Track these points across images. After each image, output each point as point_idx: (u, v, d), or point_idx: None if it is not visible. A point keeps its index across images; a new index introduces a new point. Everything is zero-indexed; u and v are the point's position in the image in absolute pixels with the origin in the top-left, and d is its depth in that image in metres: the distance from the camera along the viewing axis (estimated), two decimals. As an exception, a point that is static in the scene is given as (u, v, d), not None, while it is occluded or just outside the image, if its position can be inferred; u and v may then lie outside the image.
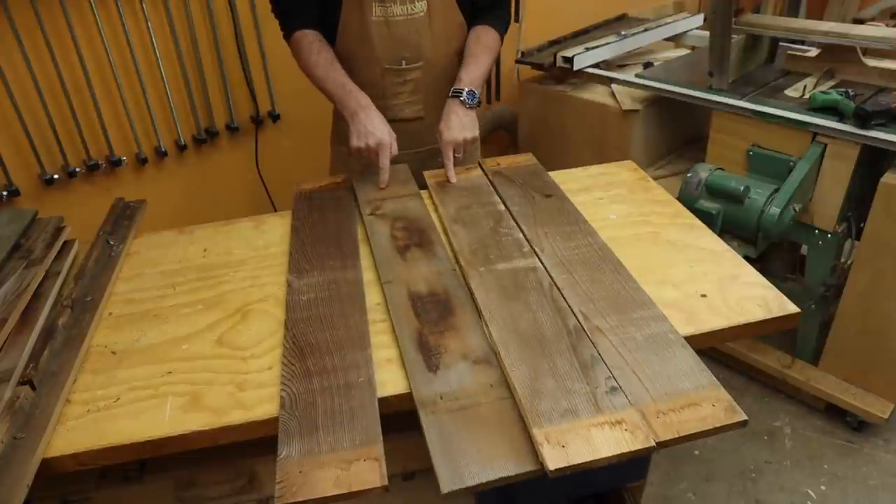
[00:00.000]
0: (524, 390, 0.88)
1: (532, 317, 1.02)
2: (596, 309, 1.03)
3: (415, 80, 1.53)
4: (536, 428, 0.83)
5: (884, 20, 2.97)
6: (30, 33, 1.62)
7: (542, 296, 1.06)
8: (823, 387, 1.98)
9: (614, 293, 1.06)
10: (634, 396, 0.87)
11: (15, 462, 0.82)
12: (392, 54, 1.49)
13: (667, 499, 1.81)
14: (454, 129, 1.43)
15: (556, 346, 0.96)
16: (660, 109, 2.17)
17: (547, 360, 0.93)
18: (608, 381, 0.89)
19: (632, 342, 0.96)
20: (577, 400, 0.86)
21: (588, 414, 0.84)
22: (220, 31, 1.95)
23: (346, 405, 0.89)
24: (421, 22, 1.47)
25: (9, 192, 1.70)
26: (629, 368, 0.92)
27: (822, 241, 1.85)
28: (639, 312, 1.02)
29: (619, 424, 0.83)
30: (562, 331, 0.99)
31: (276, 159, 2.25)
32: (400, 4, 1.44)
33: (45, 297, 1.12)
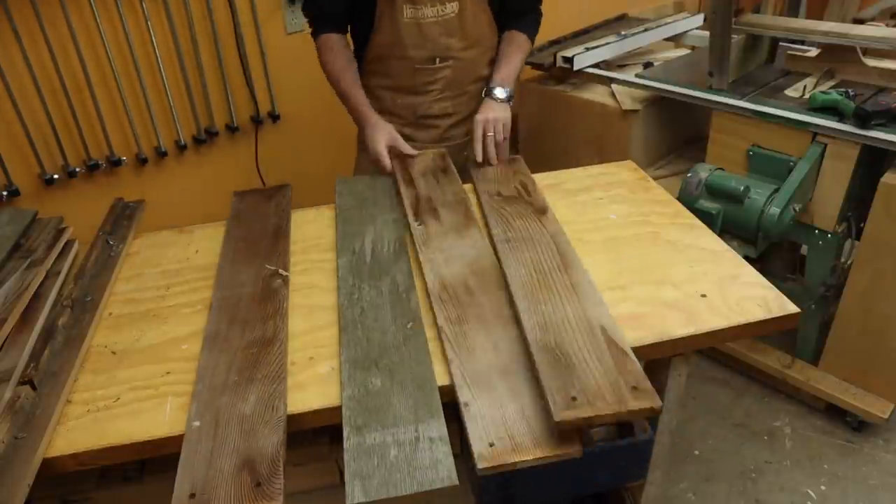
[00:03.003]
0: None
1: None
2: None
3: (445, 78, 1.57)
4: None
5: (884, 20, 2.97)
6: (30, 33, 1.62)
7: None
8: (823, 387, 1.98)
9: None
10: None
11: (16, 462, 0.83)
12: (423, 54, 1.53)
13: (667, 499, 1.81)
14: (486, 111, 1.51)
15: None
16: (660, 109, 2.17)
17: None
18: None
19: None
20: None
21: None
22: (220, 31, 1.95)
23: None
24: (452, 22, 1.51)
25: (9, 192, 1.70)
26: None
27: (822, 241, 1.85)
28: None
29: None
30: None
31: (276, 159, 2.25)
32: (431, 6, 1.48)
33: (46, 297, 1.12)
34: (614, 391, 0.86)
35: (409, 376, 0.95)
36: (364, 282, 1.16)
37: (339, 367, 0.98)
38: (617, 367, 0.89)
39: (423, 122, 1.64)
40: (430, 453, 0.84)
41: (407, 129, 1.63)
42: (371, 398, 0.92)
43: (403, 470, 0.82)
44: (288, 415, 0.91)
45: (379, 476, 0.81)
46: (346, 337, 1.04)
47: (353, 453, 0.85)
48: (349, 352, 1.00)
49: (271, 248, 1.27)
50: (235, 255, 1.26)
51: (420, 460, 0.83)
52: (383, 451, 0.84)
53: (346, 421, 0.89)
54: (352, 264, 1.21)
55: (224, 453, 0.85)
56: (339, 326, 1.06)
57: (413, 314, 1.07)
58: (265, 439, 0.86)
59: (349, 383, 0.95)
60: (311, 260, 1.26)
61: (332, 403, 0.92)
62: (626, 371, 0.89)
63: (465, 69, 1.59)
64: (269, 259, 1.23)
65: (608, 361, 0.90)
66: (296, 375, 0.98)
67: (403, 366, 0.97)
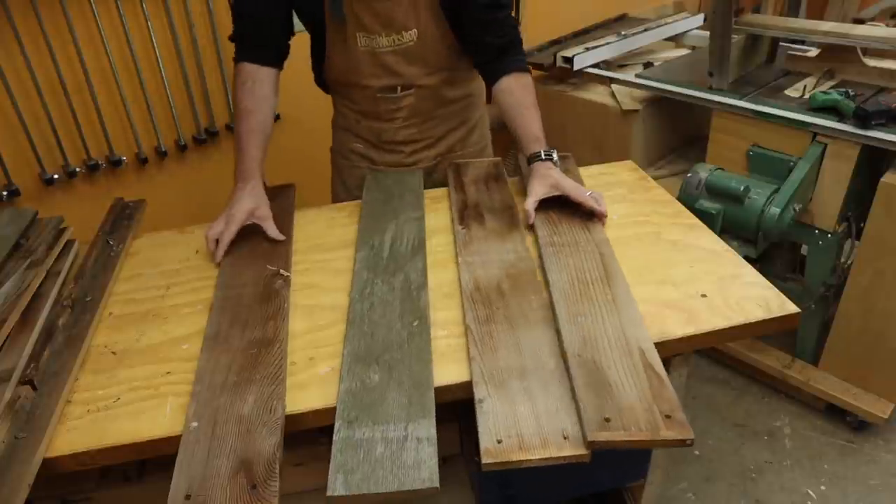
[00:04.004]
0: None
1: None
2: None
3: (409, 106, 1.46)
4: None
5: (884, 20, 2.97)
6: (30, 33, 1.62)
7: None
8: (823, 387, 1.98)
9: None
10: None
11: (16, 461, 0.83)
12: (382, 82, 1.42)
13: (667, 499, 1.81)
14: (570, 183, 1.32)
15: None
16: (660, 109, 2.17)
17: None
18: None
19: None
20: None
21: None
22: (220, 31, 1.95)
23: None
24: (411, 51, 1.38)
25: (9, 192, 1.70)
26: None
27: (822, 241, 1.85)
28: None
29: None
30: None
31: (276, 159, 2.24)
32: (386, 36, 1.35)
33: (46, 297, 1.12)
34: (649, 418, 0.84)
35: (408, 374, 0.95)
36: (378, 277, 1.16)
37: (341, 360, 0.98)
38: (652, 392, 0.88)
39: (387, 147, 1.53)
40: (415, 453, 0.83)
41: (372, 152, 1.55)
42: (367, 393, 0.92)
43: (387, 467, 0.81)
44: (287, 415, 0.91)
45: (362, 471, 0.81)
46: (353, 331, 1.04)
47: (340, 446, 0.85)
48: (352, 346, 1.01)
49: (273, 248, 1.27)
50: (237, 254, 1.26)
51: (405, 459, 0.82)
52: (370, 447, 0.84)
53: (338, 414, 0.89)
54: (368, 259, 1.21)
55: (221, 454, 0.85)
56: (348, 320, 1.06)
57: (421, 312, 1.07)
58: (262, 441, 0.86)
59: (348, 377, 0.95)
60: (312, 260, 1.26)
61: (331, 404, 0.92)
62: (661, 398, 0.87)
63: (431, 96, 1.46)
64: (271, 259, 1.23)
65: (644, 385, 0.89)
66: (296, 375, 0.98)
67: (403, 363, 0.97)
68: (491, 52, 1.40)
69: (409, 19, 1.34)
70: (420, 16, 1.35)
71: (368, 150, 1.55)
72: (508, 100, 1.38)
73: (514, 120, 1.38)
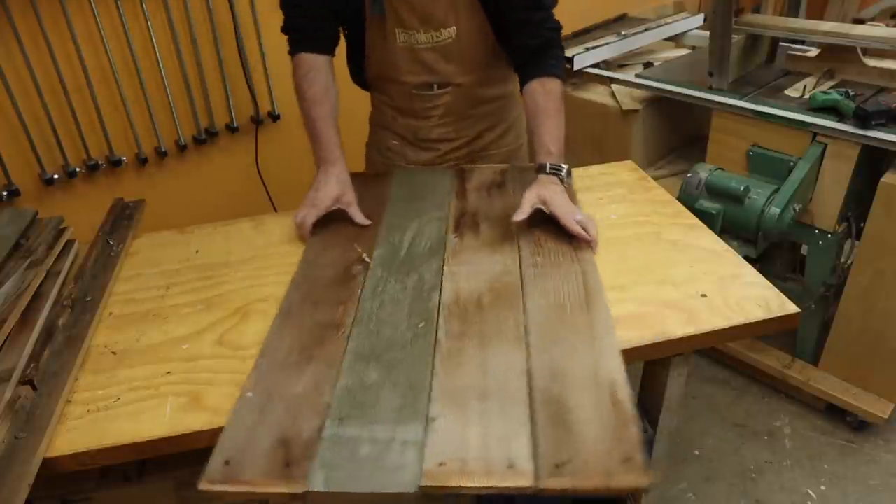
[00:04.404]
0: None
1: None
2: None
3: (445, 104, 1.46)
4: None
5: (884, 20, 2.97)
6: (30, 33, 1.62)
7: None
8: (823, 387, 1.98)
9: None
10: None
11: (16, 461, 0.83)
12: (419, 79, 1.42)
13: (667, 499, 1.81)
14: (567, 207, 1.23)
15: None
16: (660, 109, 2.17)
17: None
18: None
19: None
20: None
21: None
22: (220, 31, 1.95)
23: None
24: (449, 48, 1.38)
25: (9, 192, 1.70)
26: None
27: (822, 241, 1.85)
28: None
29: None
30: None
31: (276, 159, 2.25)
32: (424, 32, 1.35)
33: (46, 297, 1.12)
34: (606, 463, 0.79)
35: (405, 376, 0.94)
36: (392, 275, 1.16)
37: (343, 357, 0.98)
38: (615, 434, 0.83)
39: (422, 144, 1.54)
40: (399, 456, 0.82)
41: (407, 149, 1.56)
42: (362, 391, 0.92)
43: (368, 468, 0.80)
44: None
45: (344, 470, 0.80)
46: (359, 329, 1.04)
47: (327, 443, 0.84)
48: (356, 343, 1.01)
49: (360, 232, 1.29)
50: (324, 236, 1.29)
51: (387, 461, 0.81)
52: (356, 446, 0.83)
53: (331, 411, 0.89)
54: (385, 257, 1.21)
55: (265, 428, 0.86)
56: (356, 317, 1.06)
57: (429, 314, 1.06)
58: (305, 422, 0.87)
59: (348, 373, 0.95)
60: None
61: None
62: (623, 438, 0.82)
63: (467, 95, 1.46)
64: (356, 243, 1.25)
65: (608, 425, 0.84)
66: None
67: (404, 364, 0.96)
68: (525, 54, 1.36)
69: (448, 16, 1.34)
70: (459, 13, 1.34)
71: (404, 147, 1.56)
72: (530, 105, 1.33)
73: (532, 127, 1.33)
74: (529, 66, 1.35)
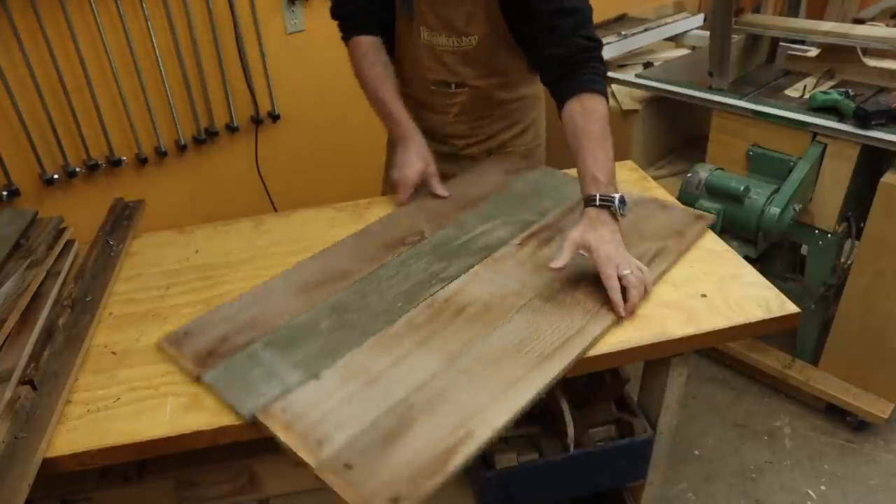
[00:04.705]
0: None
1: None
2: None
3: (461, 102, 1.47)
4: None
5: (884, 20, 2.97)
6: (30, 33, 1.62)
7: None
8: (823, 387, 1.98)
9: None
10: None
11: (16, 461, 0.83)
12: (438, 77, 1.44)
13: (667, 499, 1.81)
14: (612, 252, 1.05)
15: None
16: (660, 109, 2.17)
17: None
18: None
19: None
20: None
21: None
22: (220, 31, 1.95)
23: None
24: (469, 54, 1.39)
25: (9, 192, 1.70)
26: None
27: (822, 241, 1.85)
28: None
29: None
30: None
31: (276, 159, 2.25)
32: (446, 37, 1.36)
33: (46, 297, 1.12)
34: (377, 489, 0.78)
35: (342, 337, 1.02)
36: (427, 257, 1.20)
37: (325, 304, 1.09)
38: (422, 473, 0.80)
39: (439, 139, 1.56)
40: (267, 388, 0.92)
41: (427, 140, 1.53)
42: (303, 332, 1.03)
43: (243, 385, 0.94)
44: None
45: (230, 377, 0.96)
46: (355, 287, 1.13)
47: (241, 355, 0.99)
48: (341, 297, 1.11)
49: (444, 210, 1.36)
50: (413, 203, 1.40)
51: (258, 389, 0.93)
52: (253, 367, 0.97)
53: (270, 335, 1.02)
54: (441, 240, 1.25)
55: (224, 325, 1.06)
56: (364, 278, 1.15)
57: (414, 300, 1.09)
58: (247, 334, 1.05)
59: (310, 315, 1.07)
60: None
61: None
62: (423, 481, 0.79)
63: (484, 96, 1.46)
64: (433, 218, 1.33)
65: (426, 465, 0.81)
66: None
67: (353, 329, 1.03)
68: (554, 67, 1.22)
69: (470, 26, 1.35)
70: (480, 24, 1.34)
71: (424, 138, 1.54)
72: (570, 127, 1.18)
73: (574, 152, 1.17)
74: (563, 82, 1.20)
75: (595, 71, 1.20)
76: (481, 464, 1.13)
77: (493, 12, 1.32)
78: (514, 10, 1.30)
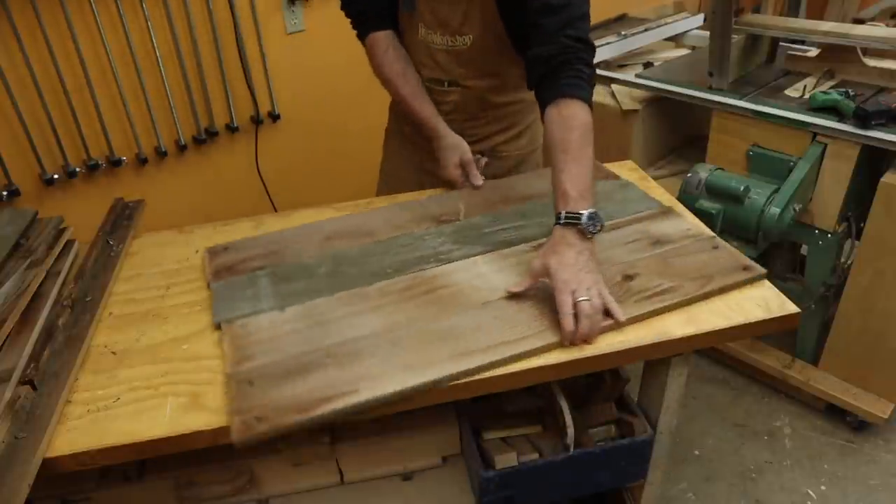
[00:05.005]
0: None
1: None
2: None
3: (453, 101, 1.45)
4: None
5: (884, 20, 2.97)
6: (30, 33, 1.62)
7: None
8: (823, 387, 1.98)
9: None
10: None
11: (16, 461, 0.83)
12: (432, 74, 1.43)
13: (667, 499, 1.81)
14: (570, 276, 0.99)
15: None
16: (660, 109, 2.17)
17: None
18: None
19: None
20: None
21: None
22: (220, 31, 1.95)
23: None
24: (463, 54, 1.37)
25: (9, 192, 1.70)
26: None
27: (822, 241, 1.85)
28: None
29: None
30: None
31: (276, 159, 2.25)
32: (441, 35, 1.35)
33: (46, 297, 1.12)
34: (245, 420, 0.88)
35: (324, 285, 1.14)
36: (448, 237, 1.26)
37: (332, 255, 1.22)
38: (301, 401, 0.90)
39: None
40: (244, 305, 1.10)
41: (419, 138, 1.53)
42: (298, 273, 1.17)
43: (230, 296, 1.12)
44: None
45: (228, 290, 1.14)
46: (369, 247, 1.23)
47: (243, 276, 1.18)
48: (350, 252, 1.22)
49: (492, 199, 1.40)
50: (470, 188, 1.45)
51: (237, 304, 1.11)
52: (243, 290, 1.14)
53: (274, 268, 1.18)
54: (472, 225, 1.30)
55: (247, 248, 1.27)
56: (382, 241, 1.25)
57: (402, 272, 1.16)
58: (259, 262, 1.24)
59: (314, 260, 1.21)
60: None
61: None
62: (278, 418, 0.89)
63: (477, 97, 1.44)
64: (475, 203, 1.38)
65: (297, 401, 0.91)
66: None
67: (336, 280, 1.15)
68: (537, 68, 1.16)
69: (464, 26, 1.33)
70: (475, 24, 1.32)
71: (416, 136, 1.54)
72: (546, 137, 1.12)
73: (550, 163, 1.10)
74: (544, 86, 1.16)
75: (578, 74, 1.12)
76: (481, 464, 1.13)
77: (489, 13, 1.30)
78: (512, 13, 1.27)
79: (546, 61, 1.15)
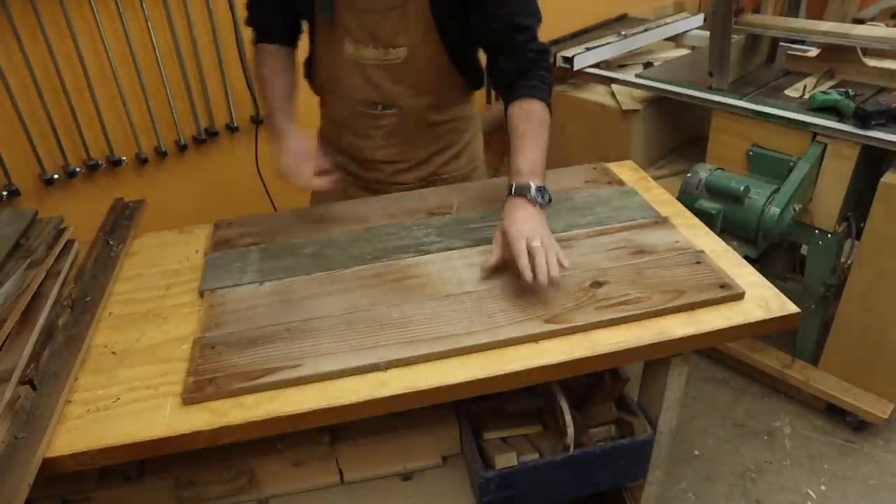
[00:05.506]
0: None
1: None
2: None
3: (389, 125, 1.39)
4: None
5: (884, 20, 2.97)
6: (30, 33, 1.62)
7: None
8: (823, 387, 1.98)
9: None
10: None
11: (16, 461, 0.83)
12: (365, 96, 1.36)
13: (667, 499, 1.81)
14: (516, 223, 1.10)
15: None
16: (660, 109, 2.17)
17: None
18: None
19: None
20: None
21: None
22: (220, 31, 1.95)
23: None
24: (398, 69, 1.31)
25: (9, 192, 1.70)
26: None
27: (822, 241, 1.85)
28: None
29: None
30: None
31: (273, 159, 2.25)
32: (373, 48, 1.29)
33: (46, 297, 1.12)
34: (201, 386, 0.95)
35: (310, 264, 1.20)
36: (436, 230, 1.28)
37: (320, 236, 1.28)
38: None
39: (368, 165, 1.48)
40: (228, 277, 1.18)
41: (352, 166, 1.49)
42: (286, 252, 1.24)
43: (223, 270, 1.20)
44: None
45: (220, 265, 1.22)
46: (360, 232, 1.28)
47: (235, 250, 1.26)
48: (341, 234, 1.28)
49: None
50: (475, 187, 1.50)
51: (223, 275, 1.19)
52: (234, 262, 1.22)
53: (265, 247, 1.26)
54: (463, 219, 1.32)
55: (246, 227, 1.37)
56: (373, 226, 1.30)
57: (383, 258, 1.20)
58: (254, 238, 1.34)
59: (302, 239, 1.28)
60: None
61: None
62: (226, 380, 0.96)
63: (415, 118, 1.39)
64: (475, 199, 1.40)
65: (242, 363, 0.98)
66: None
67: (319, 261, 1.21)
68: (508, 76, 1.26)
69: (398, 37, 1.27)
70: (410, 34, 1.27)
71: (349, 164, 1.49)
72: (509, 129, 1.23)
73: (511, 150, 1.22)
74: (509, 89, 1.26)
75: (540, 79, 1.25)
76: (481, 464, 1.13)
77: (423, 22, 1.26)
78: (446, 22, 1.27)
79: (513, 72, 1.26)
